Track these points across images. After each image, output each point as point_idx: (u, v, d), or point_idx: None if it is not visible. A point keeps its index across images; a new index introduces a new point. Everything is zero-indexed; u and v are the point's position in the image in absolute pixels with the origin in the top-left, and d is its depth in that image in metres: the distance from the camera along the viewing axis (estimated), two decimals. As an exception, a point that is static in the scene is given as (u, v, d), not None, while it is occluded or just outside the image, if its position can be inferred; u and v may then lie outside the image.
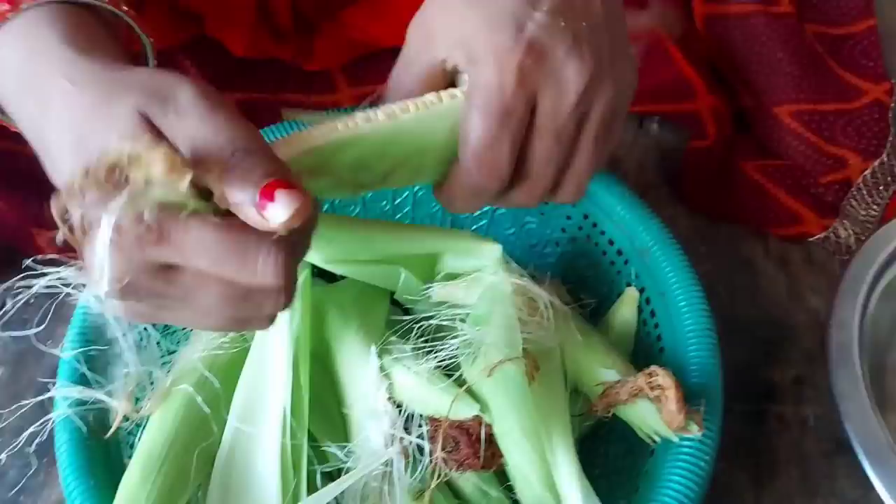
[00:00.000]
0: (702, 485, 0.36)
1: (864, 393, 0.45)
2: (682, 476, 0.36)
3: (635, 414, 0.37)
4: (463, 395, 0.35)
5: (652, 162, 0.66)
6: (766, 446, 0.51)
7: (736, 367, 0.54)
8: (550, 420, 0.36)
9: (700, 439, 0.37)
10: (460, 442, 0.34)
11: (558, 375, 0.39)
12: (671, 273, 0.44)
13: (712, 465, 0.37)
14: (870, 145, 0.63)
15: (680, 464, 0.36)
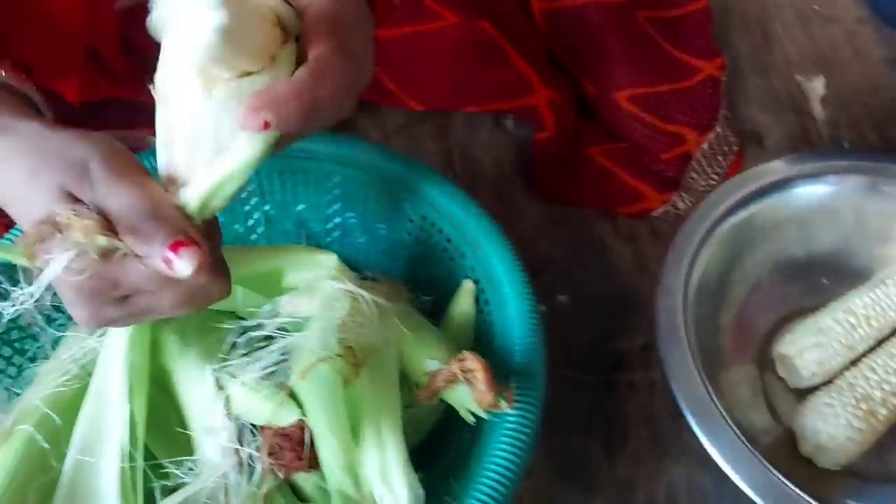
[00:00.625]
0: (524, 455, 0.39)
1: (689, 354, 0.48)
2: (505, 449, 0.39)
3: (454, 397, 0.40)
4: (283, 402, 0.37)
5: (508, 157, 0.69)
6: (617, 413, 0.55)
7: (588, 340, 0.58)
8: (380, 413, 0.39)
9: (521, 413, 0.40)
10: (284, 447, 0.36)
11: (391, 370, 0.42)
12: (498, 263, 0.47)
13: (534, 435, 0.40)
14: (702, 119, 0.67)
15: (503, 438, 0.39)
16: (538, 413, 0.41)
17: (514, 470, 0.38)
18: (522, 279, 0.46)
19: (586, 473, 0.52)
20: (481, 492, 0.37)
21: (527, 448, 0.39)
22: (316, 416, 0.36)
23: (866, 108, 0.73)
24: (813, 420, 0.49)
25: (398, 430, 0.38)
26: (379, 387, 0.40)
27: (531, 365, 0.42)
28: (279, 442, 0.36)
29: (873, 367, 0.52)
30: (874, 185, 0.57)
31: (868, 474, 0.51)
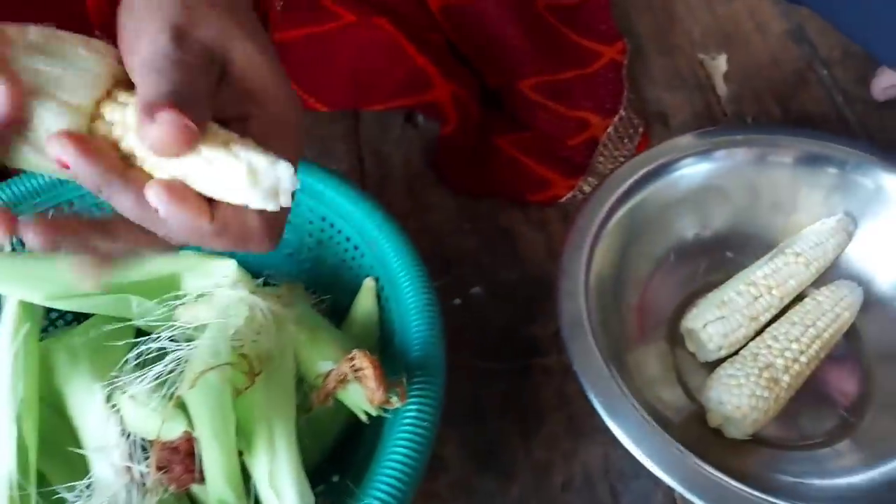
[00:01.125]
0: (423, 450, 0.39)
1: (590, 337, 0.48)
2: (403, 444, 0.39)
3: (348, 398, 0.40)
4: (170, 414, 0.37)
5: (418, 153, 0.69)
6: (533, 398, 0.55)
7: (503, 328, 0.59)
8: (273, 419, 0.39)
9: (419, 408, 0.40)
10: (173, 461, 0.36)
11: (287, 376, 0.41)
12: (395, 258, 0.47)
13: (434, 429, 0.40)
14: (606, 104, 0.68)
15: (401, 434, 0.39)
16: (437, 406, 0.41)
17: (412, 465, 0.38)
18: (419, 273, 0.46)
19: (503, 460, 0.52)
20: (379, 489, 0.37)
21: (426, 442, 0.39)
22: (202, 425, 0.36)
23: (768, 82, 0.75)
24: (718, 392, 0.50)
25: (291, 436, 0.38)
26: (273, 393, 0.40)
27: (430, 358, 0.43)
28: (168, 456, 0.36)
29: (776, 336, 0.53)
30: (766, 157, 0.58)
31: (778, 442, 0.52)
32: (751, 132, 0.60)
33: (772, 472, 0.50)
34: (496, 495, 0.51)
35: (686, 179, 0.57)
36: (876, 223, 0.57)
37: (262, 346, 0.40)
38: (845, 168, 0.57)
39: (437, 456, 0.53)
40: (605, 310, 0.52)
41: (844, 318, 0.54)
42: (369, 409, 0.39)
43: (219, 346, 0.38)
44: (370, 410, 0.39)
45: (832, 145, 0.58)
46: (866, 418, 0.53)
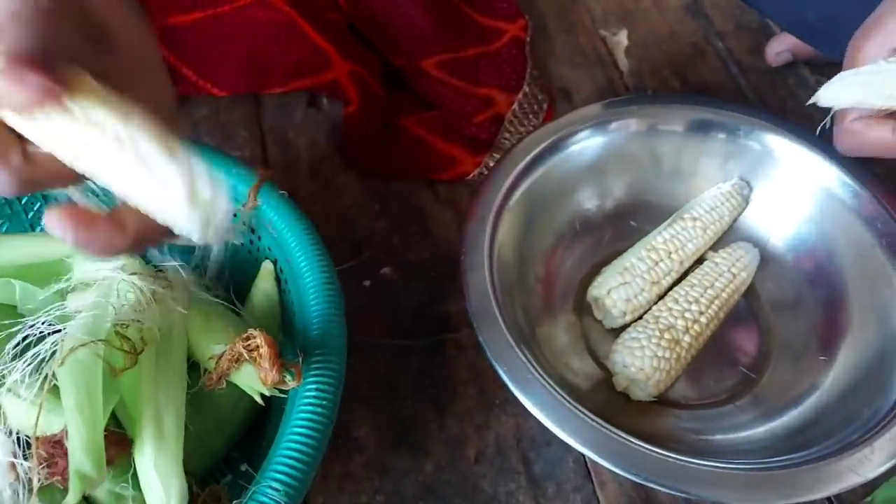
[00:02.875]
0: (323, 429, 0.38)
1: (496, 309, 0.48)
2: (302, 425, 0.38)
3: (242, 379, 0.39)
4: (49, 406, 0.35)
5: (324, 136, 0.68)
6: (446, 374, 0.55)
7: (415, 307, 0.58)
8: (160, 403, 0.38)
9: (318, 387, 0.39)
10: (56, 455, 0.34)
11: (175, 360, 0.40)
12: (292, 238, 0.46)
13: (334, 407, 0.40)
14: (510, 80, 0.69)
15: (300, 414, 0.39)
16: (337, 384, 0.41)
17: (311, 445, 0.38)
18: (316, 252, 0.45)
19: (417, 436, 0.52)
20: (277, 471, 0.37)
21: (326, 421, 0.39)
22: (67, 396, 0.34)
23: (667, 55, 0.77)
24: (622, 356, 0.51)
25: (179, 420, 0.37)
26: (162, 376, 0.39)
27: (329, 337, 0.42)
28: (50, 450, 0.34)
29: (676, 299, 0.54)
30: (662, 126, 0.59)
31: (683, 401, 0.53)
32: (647, 103, 0.61)
33: (677, 430, 0.52)
34: (410, 472, 0.51)
35: (586, 151, 0.58)
36: (768, 185, 0.59)
37: (145, 328, 0.39)
38: (738, 134, 0.59)
39: (352, 437, 0.52)
40: (511, 283, 0.53)
41: (742, 279, 0.56)
42: (263, 390, 0.38)
43: (94, 325, 0.37)
44: (264, 391, 0.38)
45: (726, 112, 0.59)
46: (766, 373, 0.55)
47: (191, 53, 0.63)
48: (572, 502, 0.50)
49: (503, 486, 0.50)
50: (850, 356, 0.52)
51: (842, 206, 0.56)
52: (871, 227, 0.54)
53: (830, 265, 0.56)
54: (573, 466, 0.51)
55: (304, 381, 0.40)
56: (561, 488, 0.50)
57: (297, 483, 0.37)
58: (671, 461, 0.43)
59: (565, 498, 0.50)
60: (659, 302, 0.55)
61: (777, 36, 0.73)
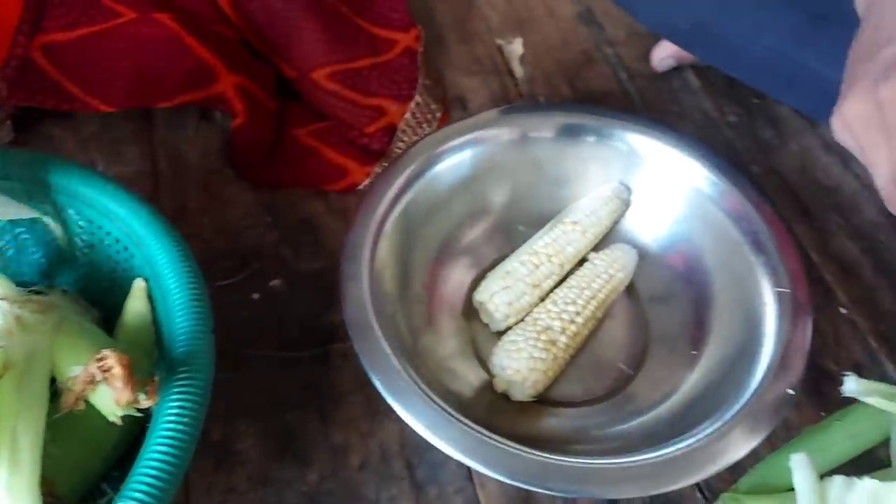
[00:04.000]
0: (185, 446, 0.39)
1: (373, 318, 0.49)
2: (162, 443, 0.38)
3: (98, 400, 0.39)
4: None
5: (216, 149, 0.68)
6: (332, 383, 0.56)
7: (303, 318, 0.59)
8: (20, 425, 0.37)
9: (180, 404, 0.40)
10: None
11: (39, 382, 0.40)
12: (160, 255, 0.46)
13: (197, 423, 0.40)
14: (402, 90, 0.69)
15: (161, 432, 0.39)
16: (201, 400, 0.41)
17: (171, 462, 0.38)
18: (186, 268, 0.45)
19: (302, 447, 0.53)
20: (136, 490, 0.37)
21: (189, 438, 0.39)
22: None
23: (559, 63, 0.79)
24: (500, 358, 0.53)
25: (36, 443, 0.37)
26: (22, 401, 0.38)
27: (195, 354, 0.42)
28: None
29: (555, 300, 0.56)
30: (534, 134, 0.61)
31: (565, 400, 0.55)
32: (529, 111, 0.62)
33: (556, 428, 0.53)
34: (293, 482, 0.51)
35: (465, 162, 0.59)
36: (645, 186, 0.61)
37: (9, 353, 0.39)
38: (612, 137, 0.61)
39: (235, 451, 0.52)
40: (393, 292, 0.54)
41: (619, 279, 0.58)
42: (118, 411, 0.38)
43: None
44: (118, 412, 0.38)
45: (602, 118, 0.61)
46: (642, 369, 0.57)
47: (75, 70, 0.63)
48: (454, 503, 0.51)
49: (386, 491, 0.51)
50: (717, 351, 0.54)
51: (712, 205, 0.58)
52: (738, 226, 0.57)
53: (700, 263, 0.58)
54: (455, 469, 0.52)
55: (168, 398, 0.40)
56: (443, 491, 0.51)
57: (157, 500, 0.37)
58: (537, 460, 0.45)
59: (446, 500, 0.51)
60: (539, 304, 0.56)
61: (661, 42, 0.76)
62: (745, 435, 0.46)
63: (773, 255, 0.54)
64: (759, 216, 0.56)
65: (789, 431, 0.55)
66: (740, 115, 0.75)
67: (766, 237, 0.54)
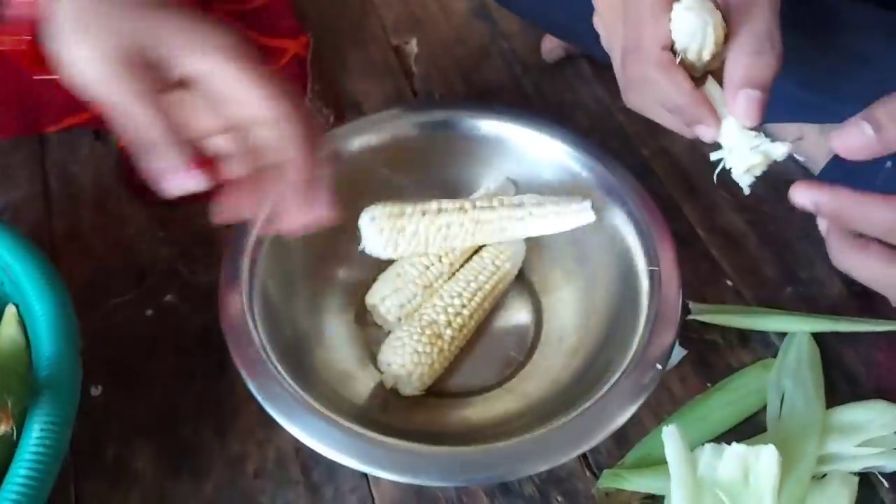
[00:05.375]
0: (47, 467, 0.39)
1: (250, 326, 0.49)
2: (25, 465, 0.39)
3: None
4: None
5: (109, 169, 0.68)
6: (227, 394, 0.56)
7: (198, 330, 0.59)
8: None
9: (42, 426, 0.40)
10: None
11: None
12: (26, 281, 0.46)
13: (60, 447, 0.40)
14: (292, 98, 0.70)
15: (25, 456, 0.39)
16: (66, 421, 0.41)
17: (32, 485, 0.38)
18: (52, 291, 0.46)
19: (198, 461, 0.53)
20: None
21: (50, 461, 0.39)
22: None
23: (454, 59, 0.80)
24: (386, 355, 0.54)
25: None
26: None
27: (59, 376, 0.42)
28: None
29: (441, 295, 0.57)
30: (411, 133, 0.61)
31: (457, 391, 0.56)
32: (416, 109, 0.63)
33: (453, 419, 0.54)
34: (189, 496, 0.52)
35: (347, 166, 0.59)
36: (528, 178, 0.62)
37: None
38: (490, 133, 0.62)
39: (130, 469, 0.53)
40: (279, 299, 0.54)
41: (506, 269, 0.59)
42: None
43: None
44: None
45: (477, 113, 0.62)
46: (536, 354, 0.58)
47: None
48: (349, 503, 0.52)
49: (282, 496, 0.52)
50: (599, 332, 0.55)
51: (587, 186, 0.59)
52: (614, 199, 0.58)
53: (583, 249, 0.59)
54: (350, 469, 0.53)
55: (32, 421, 0.41)
56: (338, 491, 0.52)
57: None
58: (416, 453, 0.45)
59: (342, 499, 0.52)
60: (434, 299, 0.57)
61: (548, 34, 0.77)
62: (617, 408, 0.47)
63: (647, 234, 0.55)
64: (632, 188, 0.57)
65: (675, 405, 0.56)
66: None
67: (640, 216, 0.56)
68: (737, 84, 0.41)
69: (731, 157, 0.44)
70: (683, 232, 0.66)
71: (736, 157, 0.43)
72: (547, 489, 0.52)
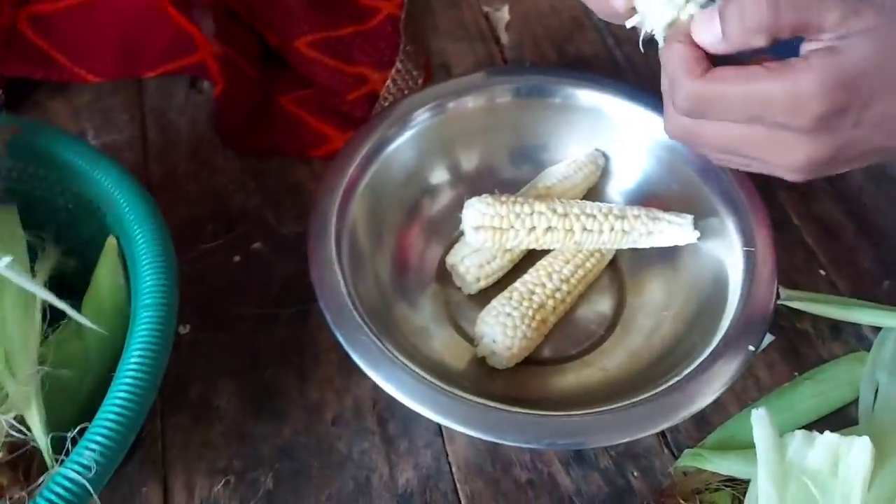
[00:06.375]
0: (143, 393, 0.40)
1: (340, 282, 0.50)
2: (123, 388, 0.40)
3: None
4: None
5: (203, 117, 0.70)
6: (310, 342, 0.57)
7: (284, 279, 0.60)
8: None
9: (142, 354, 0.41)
10: None
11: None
12: (130, 214, 0.47)
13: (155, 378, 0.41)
14: (384, 57, 0.70)
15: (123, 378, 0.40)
16: (163, 351, 0.42)
17: (130, 406, 0.39)
18: (154, 224, 0.47)
19: (278, 404, 0.54)
20: (96, 432, 0.38)
21: (147, 386, 0.40)
22: None
23: (547, 29, 0.79)
24: (488, 327, 0.52)
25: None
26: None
27: (159, 305, 0.43)
28: None
29: (549, 273, 0.55)
30: (509, 98, 0.61)
31: (536, 360, 0.56)
32: (499, 74, 0.62)
33: (522, 385, 0.54)
34: (268, 437, 0.53)
35: (442, 124, 0.59)
36: (617, 149, 0.61)
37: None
38: (589, 101, 0.61)
39: (213, 407, 0.54)
40: (364, 253, 0.55)
41: (607, 257, 0.58)
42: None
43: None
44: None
45: (578, 81, 0.61)
46: (616, 329, 0.57)
47: (63, 41, 0.64)
48: (422, 457, 0.52)
49: (358, 445, 0.53)
50: (685, 309, 0.54)
51: (683, 164, 0.58)
52: (709, 184, 0.56)
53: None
54: (426, 424, 0.53)
55: (131, 350, 0.42)
56: (413, 445, 0.53)
57: (114, 444, 0.38)
58: (500, 413, 0.45)
59: (416, 454, 0.52)
60: (532, 273, 0.56)
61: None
62: (705, 387, 0.46)
63: (743, 214, 0.54)
64: (730, 174, 0.56)
65: (761, 392, 0.55)
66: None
67: (736, 195, 0.54)
68: None
69: (648, 19, 0.44)
70: (778, 218, 0.64)
71: (652, 15, 0.44)
72: (623, 463, 0.52)
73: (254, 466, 0.51)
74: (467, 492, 0.51)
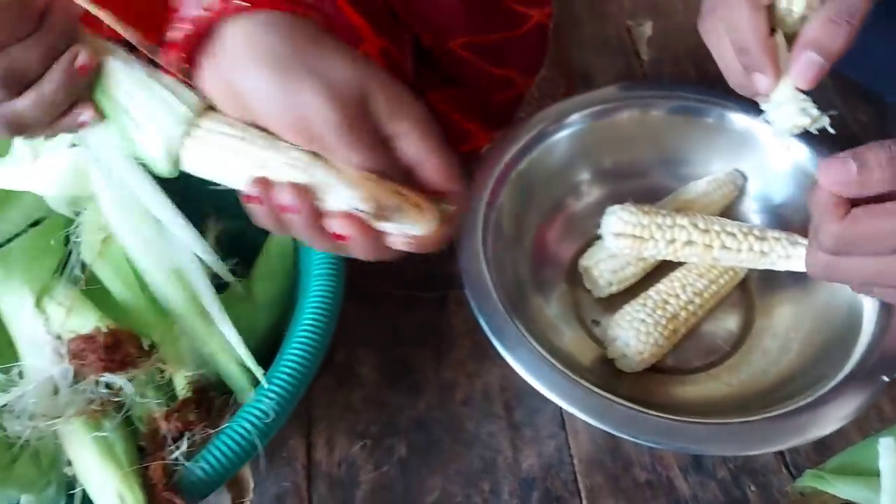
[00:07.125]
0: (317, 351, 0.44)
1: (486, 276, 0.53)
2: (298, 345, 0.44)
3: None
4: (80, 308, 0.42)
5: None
6: (446, 326, 0.61)
7: (424, 264, 0.64)
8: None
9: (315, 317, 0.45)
10: (87, 350, 0.41)
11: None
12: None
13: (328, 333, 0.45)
14: (531, 64, 0.73)
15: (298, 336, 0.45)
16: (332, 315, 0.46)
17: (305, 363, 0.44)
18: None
19: (414, 379, 0.58)
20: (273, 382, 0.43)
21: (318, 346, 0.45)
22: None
23: (688, 47, 0.80)
24: (623, 331, 0.54)
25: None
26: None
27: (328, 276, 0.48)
28: (82, 346, 0.41)
29: (684, 286, 0.57)
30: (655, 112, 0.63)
31: (660, 368, 0.57)
32: (655, 88, 0.64)
33: (646, 391, 0.56)
34: (404, 408, 0.57)
35: (583, 132, 0.62)
36: (757, 170, 0.63)
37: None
38: (734, 122, 0.62)
39: (355, 373, 0.58)
40: (506, 247, 0.58)
41: (740, 275, 0.60)
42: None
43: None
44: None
45: (725, 102, 0.63)
46: (743, 346, 0.58)
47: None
48: (545, 446, 0.55)
49: (485, 427, 0.56)
50: (816, 335, 0.55)
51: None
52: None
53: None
54: (550, 416, 0.56)
55: (305, 312, 0.46)
56: (537, 434, 0.56)
57: (287, 395, 0.43)
58: (628, 411, 0.48)
59: (540, 442, 0.55)
60: (665, 282, 0.58)
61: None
62: (833, 413, 0.48)
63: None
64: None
65: (884, 423, 0.55)
66: (872, 116, 0.74)
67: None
68: (806, 43, 0.43)
69: (776, 113, 0.47)
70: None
71: (783, 113, 0.47)
72: (740, 476, 0.53)
73: (390, 433, 0.55)
74: (587, 484, 0.53)
